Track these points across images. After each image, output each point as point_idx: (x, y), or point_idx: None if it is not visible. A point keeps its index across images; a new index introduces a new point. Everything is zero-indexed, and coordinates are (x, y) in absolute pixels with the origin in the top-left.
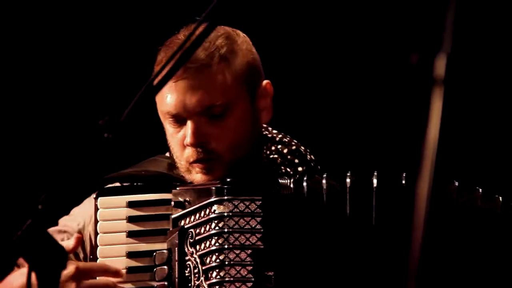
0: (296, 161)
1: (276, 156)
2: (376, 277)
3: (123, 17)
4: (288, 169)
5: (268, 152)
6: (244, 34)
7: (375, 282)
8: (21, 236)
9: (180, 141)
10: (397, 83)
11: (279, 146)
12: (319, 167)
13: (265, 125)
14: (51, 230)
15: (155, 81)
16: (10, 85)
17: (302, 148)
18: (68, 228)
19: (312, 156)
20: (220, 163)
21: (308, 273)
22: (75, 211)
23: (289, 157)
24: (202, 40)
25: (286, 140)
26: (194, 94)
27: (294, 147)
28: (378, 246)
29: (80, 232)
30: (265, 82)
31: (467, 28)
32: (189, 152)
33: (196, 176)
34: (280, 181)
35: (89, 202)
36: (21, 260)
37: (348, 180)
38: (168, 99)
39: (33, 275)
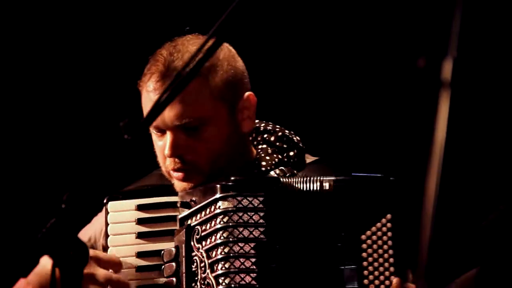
0: (285, 146)
1: (265, 146)
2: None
3: (146, 21)
4: (280, 156)
5: (255, 142)
6: (229, 46)
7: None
8: (46, 234)
9: (161, 150)
10: (405, 86)
11: (265, 135)
12: (304, 147)
13: None
14: None
15: (163, 97)
16: (36, 87)
17: (287, 131)
18: None
19: (297, 137)
20: (197, 173)
21: (308, 265)
22: (85, 228)
23: (277, 144)
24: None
25: (270, 128)
26: (172, 108)
27: (280, 133)
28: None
29: (92, 247)
30: (247, 94)
31: (472, 32)
32: (169, 161)
33: (176, 182)
34: (281, 179)
35: (97, 220)
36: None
37: (339, 177)
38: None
39: (57, 271)
